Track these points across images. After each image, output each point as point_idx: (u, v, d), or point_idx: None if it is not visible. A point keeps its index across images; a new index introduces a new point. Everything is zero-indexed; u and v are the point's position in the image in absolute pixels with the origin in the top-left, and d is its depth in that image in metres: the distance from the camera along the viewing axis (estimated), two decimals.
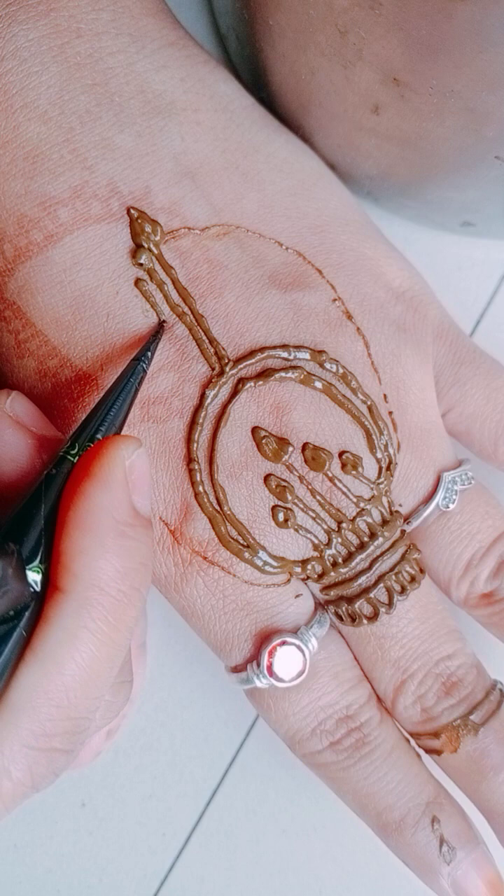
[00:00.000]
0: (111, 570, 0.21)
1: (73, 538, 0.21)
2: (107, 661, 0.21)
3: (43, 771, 0.21)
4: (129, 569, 0.21)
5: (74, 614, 0.21)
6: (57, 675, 0.21)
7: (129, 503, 0.22)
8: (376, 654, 0.28)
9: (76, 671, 0.21)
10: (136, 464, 0.22)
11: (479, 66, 0.23)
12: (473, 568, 0.28)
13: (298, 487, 0.27)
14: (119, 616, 0.21)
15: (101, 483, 0.21)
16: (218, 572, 0.27)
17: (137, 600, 0.22)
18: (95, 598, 0.21)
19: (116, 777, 0.33)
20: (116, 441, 0.22)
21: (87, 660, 0.21)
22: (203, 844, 0.32)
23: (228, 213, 0.28)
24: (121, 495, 0.21)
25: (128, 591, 0.21)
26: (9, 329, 0.27)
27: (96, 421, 0.23)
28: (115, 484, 0.21)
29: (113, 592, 0.21)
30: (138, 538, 0.22)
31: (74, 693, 0.21)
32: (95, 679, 0.21)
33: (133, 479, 0.22)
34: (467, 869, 0.27)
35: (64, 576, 0.21)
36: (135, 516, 0.22)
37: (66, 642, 0.21)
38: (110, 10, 0.27)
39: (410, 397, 0.29)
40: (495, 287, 0.34)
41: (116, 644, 0.21)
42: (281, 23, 0.27)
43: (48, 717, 0.21)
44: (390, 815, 0.27)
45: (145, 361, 0.25)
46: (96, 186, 0.27)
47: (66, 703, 0.21)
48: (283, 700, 0.27)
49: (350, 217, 0.30)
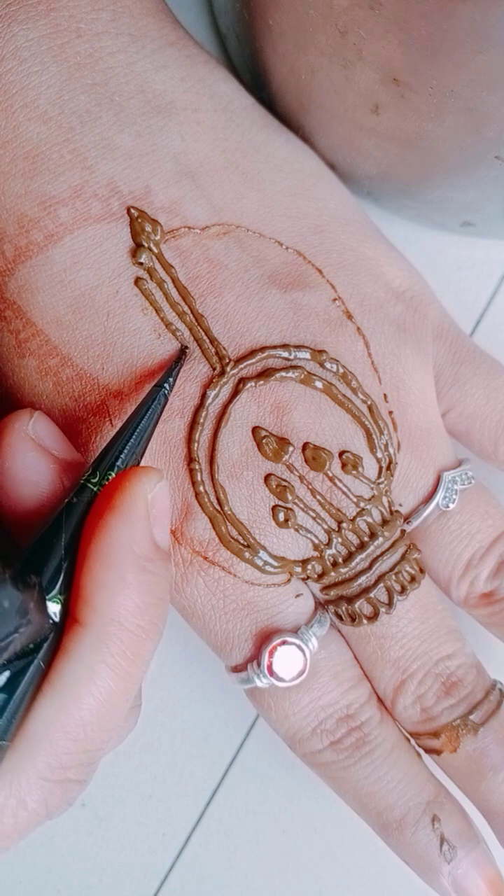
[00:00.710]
0: (131, 605, 0.21)
1: (94, 572, 0.21)
2: (123, 694, 0.21)
3: (57, 801, 0.22)
4: (148, 604, 0.21)
5: (93, 649, 0.21)
6: (75, 709, 0.21)
7: (151, 537, 0.22)
8: (376, 653, 0.28)
9: (94, 706, 0.21)
10: (158, 497, 0.22)
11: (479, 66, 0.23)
12: (473, 567, 0.28)
13: (299, 487, 0.27)
14: (137, 651, 0.21)
15: (124, 517, 0.21)
16: (218, 572, 0.27)
17: (155, 635, 0.22)
18: (114, 633, 0.21)
19: (116, 777, 0.32)
20: (139, 473, 0.22)
21: (104, 694, 0.21)
22: (203, 844, 0.32)
23: (228, 213, 0.28)
24: (142, 530, 0.21)
25: (146, 626, 0.21)
26: (9, 329, 0.27)
27: (117, 448, 0.23)
28: (137, 518, 0.21)
29: (132, 627, 0.21)
30: (158, 573, 0.22)
31: (91, 727, 0.21)
32: (112, 713, 0.21)
33: (154, 512, 0.22)
34: (468, 868, 0.27)
35: (84, 609, 0.21)
36: (155, 550, 0.22)
37: (85, 677, 0.21)
38: (110, 9, 0.27)
39: (410, 397, 0.29)
40: (495, 287, 0.34)
41: (133, 678, 0.22)
42: (281, 23, 0.27)
43: (65, 750, 0.21)
44: (391, 814, 0.27)
45: (167, 388, 0.25)
46: (96, 186, 0.27)
47: (82, 737, 0.21)
48: (284, 700, 0.27)
49: (350, 217, 0.30)
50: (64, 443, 0.24)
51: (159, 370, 0.27)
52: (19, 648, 0.20)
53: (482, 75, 0.23)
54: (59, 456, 0.23)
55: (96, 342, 0.27)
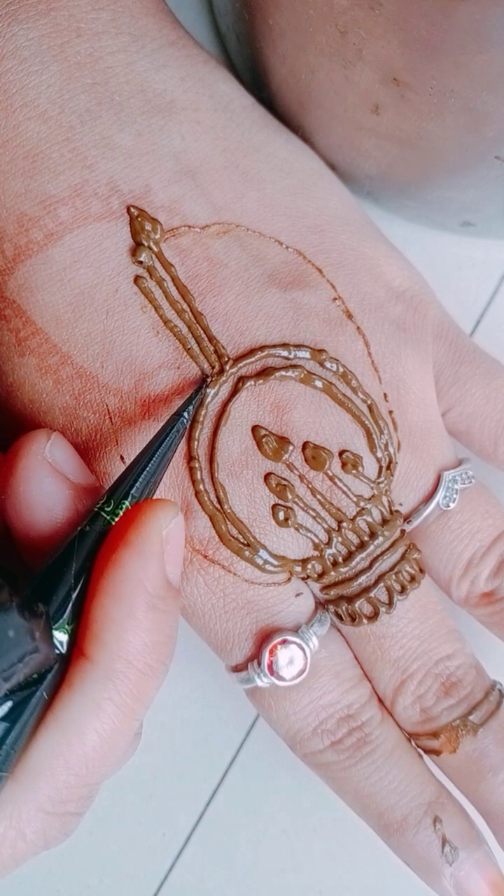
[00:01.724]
0: (139, 643, 0.21)
1: (105, 607, 0.21)
2: (126, 731, 0.21)
3: (55, 833, 0.22)
4: (157, 643, 0.21)
5: (100, 685, 0.21)
6: (79, 745, 0.21)
7: (164, 575, 0.21)
8: (376, 653, 0.28)
9: (97, 742, 0.21)
10: (174, 533, 0.21)
11: (479, 66, 0.23)
12: (474, 567, 0.28)
13: (299, 486, 0.27)
14: (143, 689, 0.21)
15: (137, 553, 0.21)
16: (218, 571, 0.27)
17: (162, 673, 0.22)
18: (122, 670, 0.21)
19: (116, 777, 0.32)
20: (155, 508, 0.21)
21: (108, 731, 0.21)
22: (203, 844, 0.32)
23: (228, 212, 0.28)
24: (155, 567, 0.21)
25: (154, 664, 0.21)
26: (9, 327, 0.27)
27: (133, 476, 0.23)
28: (150, 555, 0.21)
29: (140, 666, 0.21)
30: (168, 610, 0.21)
31: (93, 763, 0.21)
32: (115, 749, 0.21)
33: (169, 549, 0.21)
34: (470, 869, 0.27)
35: (92, 644, 0.21)
36: (167, 588, 0.21)
37: (90, 713, 0.21)
38: (110, 9, 0.27)
39: (410, 396, 0.29)
40: (495, 287, 0.34)
41: (137, 715, 0.21)
42: (281, 23, 0.27)
43: (66, 784, 0.21)
44: (392, 815, 0.27)
45: (187, 416, 0.25)
46: (96, 185, 0.27)
47: (84, 772, 0.21)
48: (284, 699, 0.27)
49: (350, 216, 0.30)
50: (80, 467, 0.24)
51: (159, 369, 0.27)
52: (23, 679, 0.20)
53: (482, 75, 0.23)
54: (75, 481, 0.23)
55: (95, 340, 0.27)
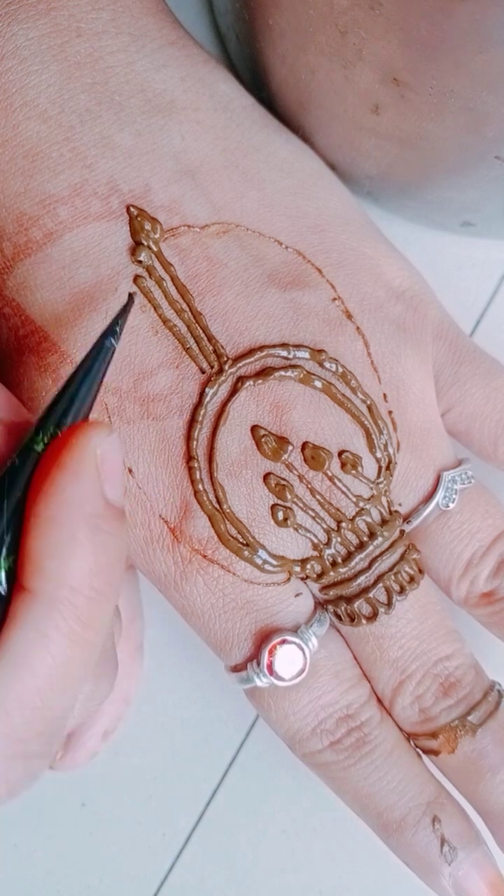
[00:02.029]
0: (84, 567, 0.20)
1: (42, 534, 0.20)
2: (80, 660, 0.20)
3: (18, 776, 0.21)
4: (102, 565, 0.20)
5: (45, 615, 0.20)
6: (29, 677, 0.20)
7: (101, 495, 0.20)
8: (375, 654, 0.28)
9: (49, 672, 0.20)
10: (108, 452, 0.20)
11: (479, 66, 0.23)
12: (474, 567, 0.28)
13: (298, 486, 0.27)
14: (92, 615, 0.20)
15: (71, 474, 0.20)
16: (217, 571, 0.27)
17: (112, 597, 0.21)
18: (67, 597, 0.20)
19: (116, 777, 0.32)
20: (86, 429, 0.20)
21: (59, 661, 0.20)
22: (203, 844, 0.32)
23: (228, 212, 0.28)
24: (92, 486, 0.20)
25: (101, 587, 0.20)
26: (8, 326, 0.27)
27: (62, 405, 0.21)
28: (85, 475, 0.20)
29: (86, 591, 0.20)
30: (111, 531, 0.20)
31: (48, 694, 0.20)
32: (69, 679, 0.20)
33: (105, 468, 0.20)
34: (468, 869, 0.27)
35: (33, 575, 0.20)
36: (107, 508, 0.20)
37: (37, 643, 0.20)
38: (110, 9, 0.27)
39: (410, 396, 0.29)
40: (495, 287, 0.34)
41: (90, 643, 0.20)
42: (281, 23, 0.27)
43: (21, 720, 0.20)
44: (391, 814, 0.27)
45: (114, 337, 0.23)
46: (96, 184, 0.27)
47: (39, 706, 0.20)
48: (283, 699, 0.27)
49: (350, 216, 0.30)
50: (12, 403, 0.23)
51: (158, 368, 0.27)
52: None
53: (482, 75, 0.23)
54: (7, 419, 0.22)
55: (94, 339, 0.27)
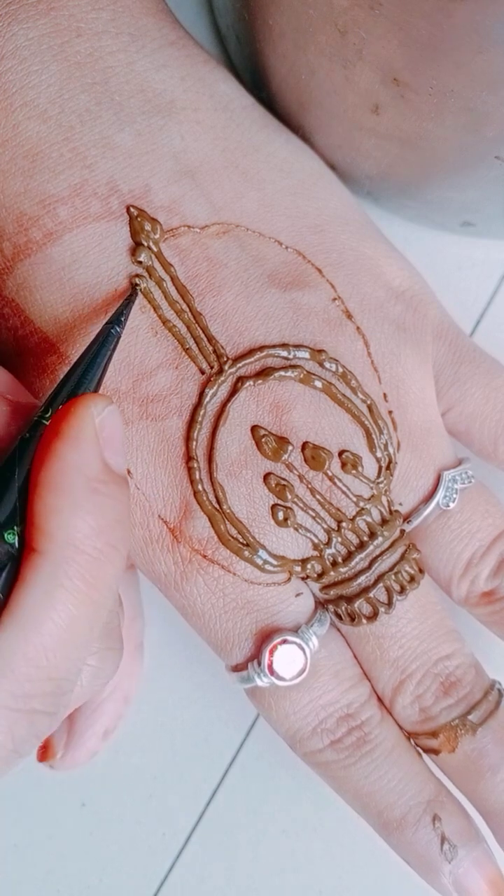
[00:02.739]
0: (86, 527, 0.21)
1: (46, 498, 0.21)
2: (86, 620, 0.21)
3: (24, 733, 0.21)
4: (104, 526, 0.21)
5: (50, 574, 0.20)
6: (35, 635, 0.20)
7: (101, 460, 0.21)
8: (375, 653, 0.28)
9: (54, 630, 0.21)
10: (107, 420, 0.22)
11: (479, 66, 0.23)
12: (474, 566, 0.28)
13: (298, 486, 0.27)
14: (96, 574, 0.21)
15: (71, 441, 0.21)
16: (218, 571, 0.27)
17: (115, 558, 0.21)
18: (71, 556, 0.21)
19: (116, 777, 0.32)
20: (85, 399, 0.22)
21: (65, 619, 0.21)
22: (203, 844, 0.32)
23: (228, 212, 0.28)
24: (91, 452, 0.21)
25: (104, 548, 0.21)
26: (7, 326, 0.27)
27: (70, 385, 0.23)
28: (85, 441, 0.21)
29: (89, 550, 0.21)
30: (112, 495, 0.21)
31: (53, 653, 0.21)
32: (75, 638, 0.21)
33: (104, 435, 0.22)
34: (469, 867, 0.27)
35: (38, 537, 0.21)
36: (107, 472, 0.21)
37: (43, 602, 0.20)
38: (110, 9, 0.27)
39: (410, 396, 0.29)
40: (495, 287, 0.34)
41: (95, 602, 0.21)
42: (281, 23, 0.27)
43: (27, 677, 0.21)
44: (391, 813, 0.27)
45: (119, 325, 0.25)
46: (96, 185, 0.27)
47: (45, 664, 0.21)
48: (284, 699, 0.27)
49: (350, 216, 0.30)
50: (17, 386, 0.24)
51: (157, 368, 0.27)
52: None
53: (482, 75, 0.23)
54: (13, 399, 0.23)
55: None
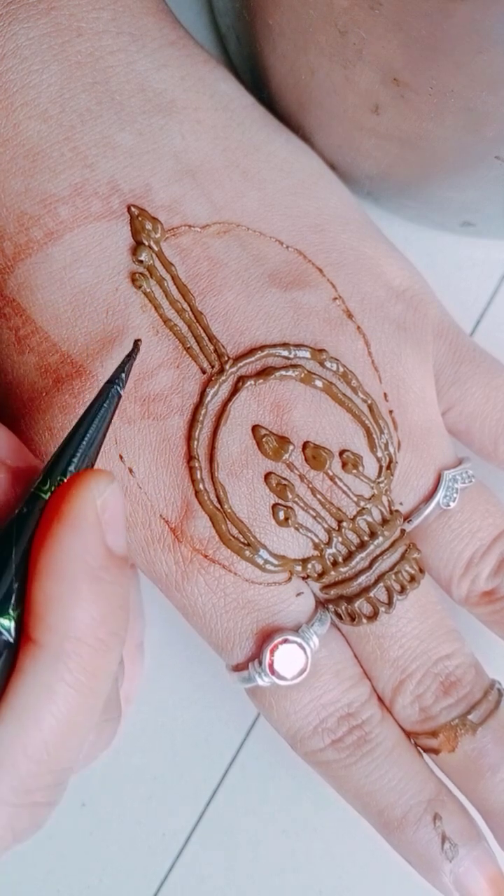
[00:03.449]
0: (87, 618, 0.20)
1: (45, 587, 0.20)
2: (86, 711, 0.21)
3: (24, 825, 0.21)
4: (106, 614, 0.20)
5: (51, 667, 0.20)
6: (35, 730, 0.20)
7: (103, 545, 0.20)
8: (375, 653, 0.28)
9: (55, 724, 0.20)
10: (109, 501, 0.21)
11: (479, 66, 0.23)
12: (474, 566, 0.28)
13: (299, 486, 0.27)
14: (97, 665, 0.20)
15: (72, 526, 0.20)
16: (219, 570, 0.27)
17: (117, 645, 0.21)
18: (72, 649, 0.20)
19: (116, 777, 0.32)
20: (86, 478, 0.20)
21: (65, 712, 0.20)
22: (203, 844, 0.32)
23: (229, 212, 0.28)
24: (93, 538, 0.20)
25: (106, 637, 0.20)
26: (9, 325, 0.27)
27: (69, 453, 0.22)
28: (86, 526, 0.20)
29: (90, 641, 0.20)
30: (114, 581, 0.21)
31: (54, 746, 0.20)
32: (75, 730, 0.21)
33: (106, 518, 0.20)
34: (469, 866, 0.27)
35: (38, 627, 0.20)
36: (109, 557, 0.20)
37: (44, 696, 0.20)
38: (111, 9, 0.27)
39: (411, 396, 0.29)
40: (495, 287, 0.34)
41: (96, 693, 0.21)
42: (281, 23, 0.27)
43: (28, 773, 0.20)
44: (392, 812, 0.27)
45: (120, 384, 0.23)
46: (97, 184, 0.27)
47: (45, 758, 0.20)
48: (285, 698, 0.27)
49: (350, 216, 0.30)
50: (19, 449, 0.23)
51: (158, 368, 0.27)
52: None
53: (482, 75, 0.23)
54: (13, 465, 0.22)
55: (95, 339, 0.27)
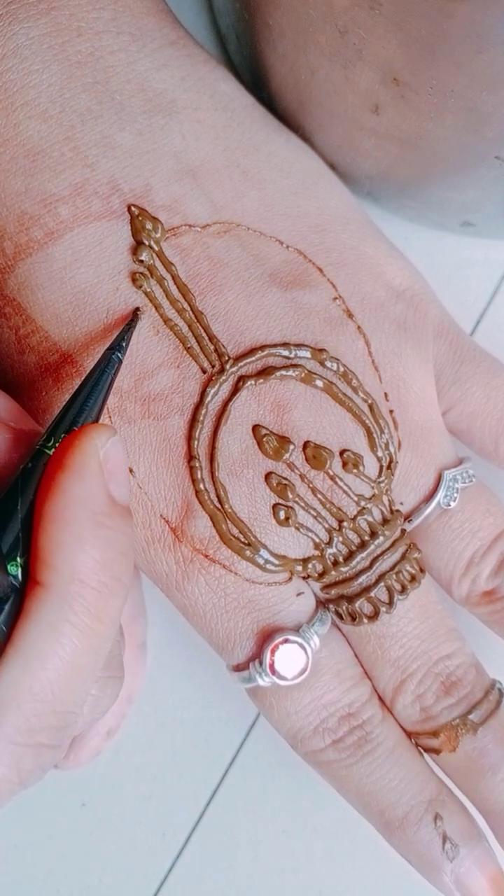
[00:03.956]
0: (90, 561, 0.21)
1: (50, 532, 0.21)
2: (91, 653, 0.21)
3: (29, 766, 0.21)
4: (109, 559, 0.21)
5: (56, 608, 0.21)
6: (40, 670, 0.20)
7: (106, 493, 0.21)
8: (376, 653, 0.28)
9: (60, 665, 0.21)
10: (111, 452, 0.22)
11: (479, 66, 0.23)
12: (475, 566, 0.28)
13: (299, 486, 0.27)
14: (102, 607, 0.21)
15: (76, 474, 0.21)
16: (219, 570, 0.27)
17: (120, 590, 0.22)
18: (76, 590, 0.21)
19: (116, 777, 0.32)
20: (90, 430, 0.22)
21: (70, 653, 0.21)
22: (203, 844, 0.32)
23: (229, 212, 0.28)
24: (96, 485, 0.21)
25: (109, 581, 0.21)
26: (9, 325, 0.27)
27: (72, 413, 0.23)
28: (89, 474, 0.21)
29: (94, 584, 0.21)
30: (117, 528, 0.21)
31: (59, 687, 0.21)
32: (80, 672, 0.21)
33: (108, 467, 0.22)
34: (470, 866, 0.27)
35: (43, 570, 0.21)
36: (112, 505, 0.21)
37: (49, 637, 0.21)
38: (111, 8, 0.27)
39: (411, 395, 0.29)
40: (495, 287, 0.34)
41: (100, 636, 0.21)
42: (281, 23, 0.27)
43: (33, 712, 0.21)
44: (393, 812, 0.27)
45: (120, 351, 0.25)
46: (97, 184, 0.27)
47: (50, 698, 0.21)
48: (286, 698, 0.27)
49: (350, 216, 0.30)
50: (20, 413, 0.24)
51: (159, 368, 0.27)
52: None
53: (482, 75, 0.23)
54: (15, 426, 0.23)
55: (96, 339, 0.27)
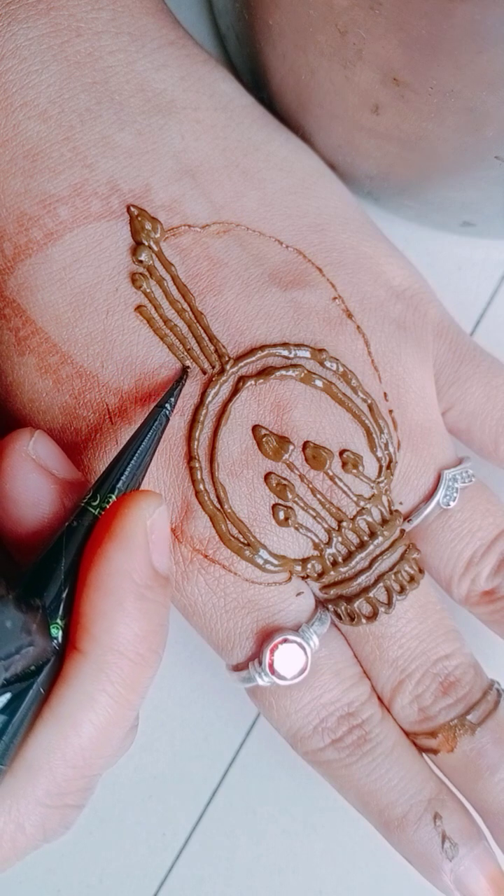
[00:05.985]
0: (130, 634, 0.21)
1: (93, 600, 0.21)
2: (122, 721, 0.22)
3: (55, 826, 0.22)
4: (147, 632, 0.21)
5: (93, 677, 0.21)
6: (75, 737, 0.21)
7: (150, 565, 0.22)
8: (375, 653, 0.28)
9: (93, 733, 0.21)
10: (157, 523, 0.22)
11: (479, 66, 0.23)
12: (475, 566, 0.28)
13: (299, 486, 0.27)
14: (136, 679, 0.22)
15: (122, 545, 0.21)
16: (219, 570, 0.27)
17: (155, 662, 0.22)
18: (114, 661, 0.21)
19: (116, 777, 0.32)
20: (137, 499, 0.22)
21: (103, 722, 0.21)
22: (203, 844, 0.32)
23: (229, 211, 0.28)
24: (141, 558, 0.21)
25: (146, 653, 0.22)
26: (9, 326, 0.27)
27: (118, 470, 0.23)
28: (135, 546, 0.21)
29: (131, 656, 0.21)
30: (157, 600, 0.22)
31: (90, 753, 0.21)
32: (110, 740, 0.22)
33: (153, 538, 0.22)
34: (469, 865, 0.27)
35: (83, 638, 0.21)
36: (154, 577, 0.22)
37: (85, 705, 0.21)
38: (110, 9, 0.27)
39: (411, 395, 0.29)
40: (495, 287, 0.34)
41: (132, 705, 0.22)
42: (281, 23, 0.27)
43: (63, 777, 0.21)
44: (392, 812, 0.27)
45: (168, 408, 0.25)
46: (96, 184, 0.27)
47: (81, 764, 0.21)
48: (285, 698, 0.27)
49: (350, 216, 0.30)
50: (65, 462, 0.24)
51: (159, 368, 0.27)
52: (20, 670, 0.20)
53: (482, 75, 0.23)
54: (61, 476, 0.23)
55: (96, 340, 0.27)
